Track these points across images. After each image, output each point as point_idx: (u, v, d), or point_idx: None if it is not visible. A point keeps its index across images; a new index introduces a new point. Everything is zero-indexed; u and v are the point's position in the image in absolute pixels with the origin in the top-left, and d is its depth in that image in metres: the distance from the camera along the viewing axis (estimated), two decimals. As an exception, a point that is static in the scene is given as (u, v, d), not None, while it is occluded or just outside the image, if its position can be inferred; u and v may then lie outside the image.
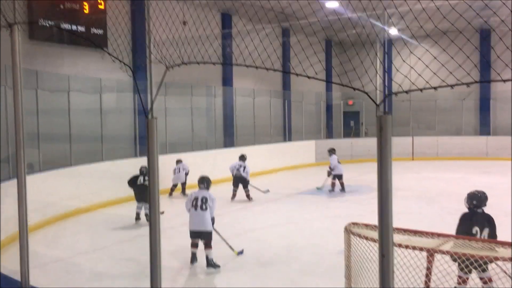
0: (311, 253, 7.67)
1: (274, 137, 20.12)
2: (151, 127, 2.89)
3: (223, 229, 9.31)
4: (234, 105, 18.99)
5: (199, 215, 7.18)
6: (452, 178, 15.58)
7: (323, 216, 10.50)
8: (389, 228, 2.11)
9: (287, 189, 14.13)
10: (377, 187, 2.13)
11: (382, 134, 2.12)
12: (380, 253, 2.11)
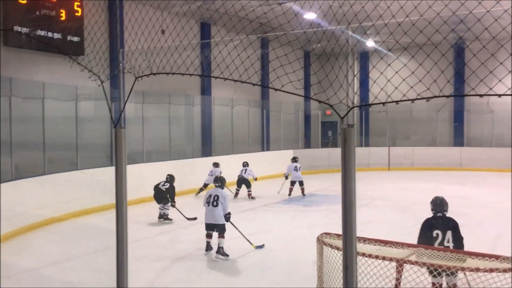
0: (286, 262, 7.68)
1: (252, 147, 20.17)
2: (119, 137, 2.88)
3: (200, 238, 9.29)
4: (212, 114, 18.99)
5: (211, 211, 8.14)
6: (427, 188, 15.78)
7: (299, 225, 10.54)
8: (353, 239, 2.14)
9: (265, 198, 14.14)
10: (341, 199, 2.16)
11: (346, 146, 2.16)
12: (344, 264, 2.13)
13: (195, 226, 10.45)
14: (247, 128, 20.10)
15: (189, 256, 8.09)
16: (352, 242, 2.14)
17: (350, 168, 2.16)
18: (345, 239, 2.14)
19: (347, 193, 2.15)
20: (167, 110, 16.63)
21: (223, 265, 7.60)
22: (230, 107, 19.46)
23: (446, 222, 5.56)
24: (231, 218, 8.43)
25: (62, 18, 13.05)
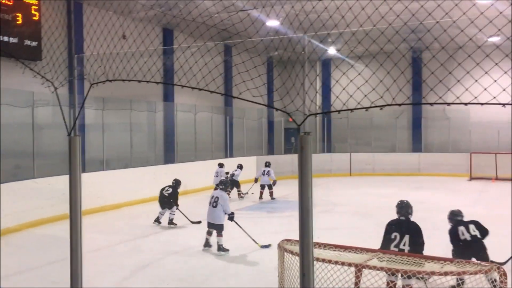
0: (249, 270, 7.67)
1: (216, 153, 20.08)
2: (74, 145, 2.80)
3: (162, 247, 9.15)
4: (175, 120, 18.81)
5: (211, 211, 8.89)
6: (387, 194, 16.13)
7: (263, 232, 10.52)
8: (310, 247, 2.15)
9: (228, 206, 14.07)
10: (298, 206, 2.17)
11: (302, 153, 2.17)
12: (301, 272, 2.14)
13: (157, 235, 10.31)
14: (210, 134, 20.01)
15: (151, 265, 7.95)
16: (309, 249, 2.15)
17: (306, 175, 2.17)
18: (302, 247, 2.14)
19: (304, 200, 2.17)
20: (128, 116, 16.36)
21: (185, 273, 7.51)
22: (193, 113, 19.34)
23: (406, 226, 5.75)
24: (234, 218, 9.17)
25: (19, 22, 12.66)
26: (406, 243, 5.48)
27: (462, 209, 12.98)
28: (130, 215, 12.70)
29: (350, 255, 4.41)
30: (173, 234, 10.39)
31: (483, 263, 3.97)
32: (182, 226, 11.21)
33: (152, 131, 18.17)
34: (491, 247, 8.68)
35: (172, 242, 9.61)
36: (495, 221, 11.36)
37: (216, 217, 8.79)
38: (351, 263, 4.05)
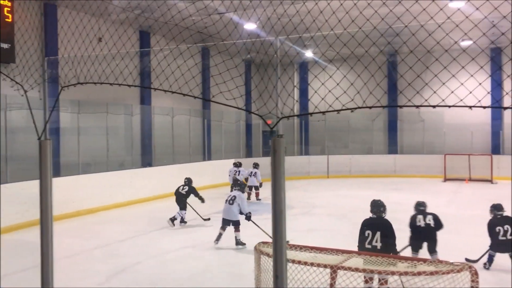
0: (227, 274, 7.65)
1: (194, 156, 19.98)
2: (44, 149, 2.76)
3: (138, 251, 9.06)
4: (152, 123, 18.67)
5: (227, 208, 9.51)
6: (364, 195, 16.25)
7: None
8: (283, 249, 2.16)
9: (206, 208, 14.01)
10: (271, 208, 2.18)
11: (275, 156, 2.19)
12: (274, 274, 2.15)
13: (133, 239, 10.20)
14: (188, 137, 19.91)
15: (127, 270, 7.86)
16: (282, 251, 2.16)
17: (279, 177, 2.18)
18: (275, 249, 2.16)
19: (277, 203, 2.18)
20: (104, 119, 16.17)
21: (162, 278, 7.44)
22: (170, 116, 19.22)
23: (378, 223, 6.09)
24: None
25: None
26: (378, 239, 5.85)
27: (436, 209, 13.23)
28: (106, 220, 12.54)
29: (326, 257, 4.44)
30: (150, 238, 10.30)
31: (455, 263, 4.05)
32: (160, 229, 11.13)
33: (129, 135, 18.00)
34: (465, 246, 8.88)
35: (149, 246, 9.52)
36: (468, 221, 11.63)
37: (232, 214, 9.42)
38: (326, 264, 4.08)
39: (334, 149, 23.87)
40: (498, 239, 7.51)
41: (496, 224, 7.58)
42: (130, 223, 12.12)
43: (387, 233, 5.96)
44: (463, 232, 10.44)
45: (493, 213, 7.75)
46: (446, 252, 8.52)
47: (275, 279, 2.15)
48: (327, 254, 4.47)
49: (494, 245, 7.58)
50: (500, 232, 7.50)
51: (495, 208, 7.75)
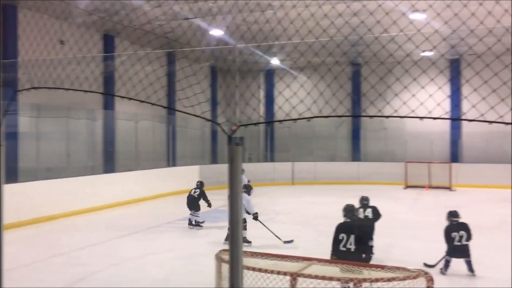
0: (189, 282, 7.56)
1: (158, 162, 19.74)
2: (-5, 155, 2.66)
3: (99, 259, 8.86)
4: (115, 129, 18.36)
5: None
6: (328, 202, 16.50)
7: (204, 242, 10.45)
8: (239, 259, 2.15)
9: (170, 215, 13.88)
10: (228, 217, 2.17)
11: (232, 165, 2.18)
12: (231, 283, 2.14)
13: (94, 247, 9.96)
14: (152, 143, 19.66)
15: (86, 279, 7.66)
16: (239, 262, 2.15)
17: (236, 186, 2.18)
18: (231, 258, 2.14)
19: (234, 211, 2.17)
20: (65, 124, 15.78)
21: (122, 286, 7.29)
22: (134, 122, 18.95)
23: (351, 226, 6.40)
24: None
25: None
26: (352, 242, 6.09)
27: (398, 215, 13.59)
28: (66, 227, 12.22)
29: (287, 264, 4.45)
30: (111, 246, 10.09)
31: (412, 269, 4.13)
32: (121, 236, 10.92)
33: (91, 140, 17.63)
34: (423, 251, 9.09)
35: (110, 254, 9.32)
36: (427, 227, 11.92)
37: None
38: (286, 272, 4.09)
39: (299, 156, 24.07)
40: (454, 244, 7.73)
41: (452, 230, 7.81)
42: (91, 230, 11.84)
43: (361, 235, 6.25)
44: (422, 238, 10.70)
45: (449, 219, 7.98)
46: (406, 257, 8.72)
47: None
48: (288, 261, 4.48)
49: (450, 251, 7.80)
50: (456, 238, 7.73)
51: (451, 215, 7.99)
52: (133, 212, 14.68)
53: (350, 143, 25.01)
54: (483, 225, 11.75)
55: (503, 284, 7.41)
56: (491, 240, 10.42)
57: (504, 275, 7.84)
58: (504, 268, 8.26)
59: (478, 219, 12.62)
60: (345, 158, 24.58)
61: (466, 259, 7.77)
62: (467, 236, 7.76)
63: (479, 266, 7.93)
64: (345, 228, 6.33)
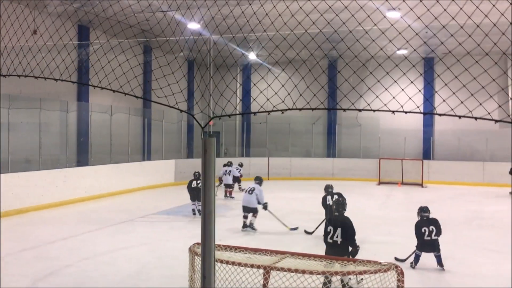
0: (161, 276, 7.51)
1: (133, 156, 19.51)
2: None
3: (69, 253, 8.72)
4: (89, 121, 18.06)
5: (247, 197, 10.97)
6: (302, 197, 16.63)
7: (178, 236, 10.40)
8: (211, 250, 2.14)
9: (143, 210, 13.75)
10: (201, 209, 2.16)
11: (206, 156, 2.17)
12: (202, 274, 2.13)
13: (64, 241, 9.80)
14: (127, 136, 19.41)
15: (56, 273, 7.54)
16: (211, 251, 2.14)
17: (210, 177, 2.17)
18: (203, 249, 2.14)
19: (207, 203, 2.16)
20: (38, 116, 15.44)
21: (93, 281, 7.20)
22: (109, 114, 18.67)
23: (339, 220, 6.71)
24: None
25: None
26: (339, 235, 6.45)
27: (371, 211, 13.76)
28: (36, 221, 11.98)
29: (260, 257, 4.47)
30: (83, 240, 9.94)
31: (383, 263, 4.20)
32: (93, 230, 10.78)
33: (64, 132, 17.30)
34: (395, 246, 9.25)
35: (81, 248, 9.18)
36: (398, 222, 12.13)
37: (251, 202, 10.86)
38: (259, 265, 4.11)
39: (275, 152, 24.15)
40: (424, 239, 7.90)
41: (422, 225, 7.98)
42: (62, 224, 11.65)
43: (347, 229, 6.56)
44: (393, 233, 10.88)
45: (420, 215, 8.14)
46: (378, 252, 8.86)
47: (202, 279, 2.13)
48: (261, 255, 4.51)
49: (420, 245, 7.97)
50: (426, 233, 7.90)
51: (421, 210, 8.15)
52: (106, 206, 14.50)
53: (325, 139, 25.22)
54: (453, 221, 12.03)
55: (471, 278, 7.60)
56: (460, 236, 10.67)
57: (472, 270, 8.06)
58: (472, 263, 8.48)
59: (448, 215, 12.92)
60: (320, 154, 24.78)
61: (436, 254, 7.94)
62: (437, 231, 7.93)
63: (448, 261, 8.11)
64: (333, 221, 6.71)
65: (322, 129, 25.23)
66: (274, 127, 24.54)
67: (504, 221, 12.70)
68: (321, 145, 25.15)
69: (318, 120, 24.82)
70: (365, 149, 23.99)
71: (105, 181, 16.27)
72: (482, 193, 18.75)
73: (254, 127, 25.64)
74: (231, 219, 12.44)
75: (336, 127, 24.87)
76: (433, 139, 23.47)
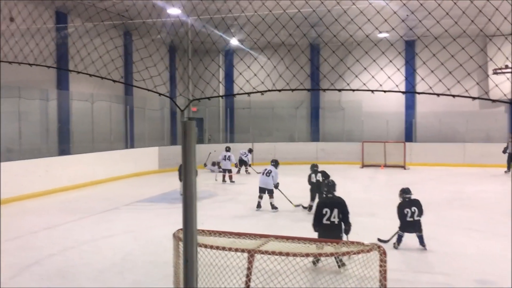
0: (146, 263, 7.50)
1: (115, 144, 19.33)
2: None
3: (53, 243, 8.65)
4: (70, 110, 17.80)
5: (264, 179, 11.66)
6: (287, 182, 16.65)
7: (162, 223, 10.37)
8: (193, 234, 2.13)
9: (127, 197, 13.68)
10: (182, 192, 2.14)
11: (186, 139, 2.14)
12: (184, 258, 2.12)
13: (48, 231, 9.71)
14: (109, 124, 19.20)
15: (40, 263, 7.47)
16: (193, 235, 2.13)
17: (190, 161, 2.15)
18: (185, 233, 2.12)
19: (188, 187, 2.14)
20: (17, 105, 15.16)
21: (78, 270, 7.16)
22: (90, 102, 18.42)
23: (333, 201, 6.99)
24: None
25: None
26: (336, 215, 6.74)
27: (355, 194, 13.92)
28: (19, 211, 11.83)
29: (244, 241, 4.48)
30: (66, 229, 9.86)
31: (366, 244, 4.24)
32: (77, 219, 10.69)
33: (45, 121, 17.03)
34: (378, 228, 9.36)
35: (64, 238, 9.10)
36: (382, 204, 12.28)
37: (268, 183, 11.57)
38: (244, 249, 4.12)
39: (259, 137, 24.15)
40: (406, 220, 8.01)
41: (405, 206, 8.09)
42: (45, 214, 11.53)
43: (343, 209, 6.86)
44: (377, 215, 11.02)
45: (402, 196, 8.25)
46: (362, 234, 8.96)
47: (185, 263, 2.12)
48: (246, 239, 4.51)
49: (403, 226, 8.08)
50: (408, 214, 8.01)
51: (403, 192, 8.26)
52: (90, 195, 14.38)
53: (309, 124, 25.29)
54: (435, 202, 12.21)
55: (453, 257, 7.74)
56: (443, 216, 10.85)
57: (454, 249, 8.21)
58: (454, 243, 8.63)
59: (430, 196, 13.11)
60: (304, 138, 24.86)
61: (418, 234, 8.07)
62: (419, 212, 8.05)
63: (431, 241, 8.25)
64: (328, 202, 6.95)
65: (306, 113, 25.27)
66: (257, 112, 24.51)
67: (484, 201, 12.96)
68: (305, 129, 25.22)
69: (302, 105, 24.84)
70: (348, 132, 24.13)
71: (88, 169, 16.11)
72: (463, 173, 19.06)
73: (237, 112, 25.56)
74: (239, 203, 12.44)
75: (320, 111, 24.94)
76: (415, 121, 23.70)
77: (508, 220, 9.96)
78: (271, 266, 4.00)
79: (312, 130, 25.03)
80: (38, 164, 14.37)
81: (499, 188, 15.17)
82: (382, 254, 4.13)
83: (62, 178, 14.88)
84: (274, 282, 4.22)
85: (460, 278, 6.68)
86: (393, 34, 17.36)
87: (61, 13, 17.23)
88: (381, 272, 4.09)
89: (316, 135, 24.81)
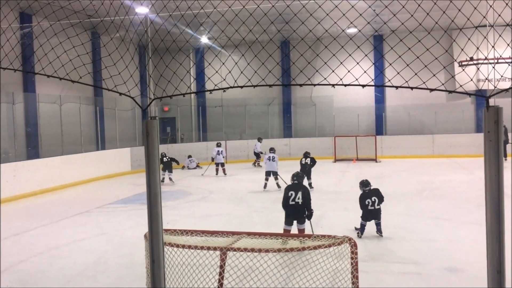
0: (119, 265, 7.41)
1: (86, 146, 19.00)
2: None
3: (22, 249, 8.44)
4: (37, 112, 17.40)
5: (270, 163, 14.27)
6: (259, 179, 16.70)
7: (135, 224, 10.25)
8: (159, 234, 2.11)
9: (99, 200, 13.47)
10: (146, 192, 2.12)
11: (148, 139, 2.12)
12: (151, 258, 2.10)
13: (17, 237, 9.49)
14: (78, 126, 18.84)
15: (10, 269, 7.28)
16: (159, 235, 2.11)
17: (154, 161, 2.13)
18: (151, 232, 2.10)
19: (152, 186, 2.12)
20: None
21: (49, 275, 7.01)
22: (58, 104, 18.04)
23: (298, 186, 7.85)
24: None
25: None
26: (300, 197, 7.62)
27: (327, 188, 14.02)
28: (-14, 218, 11.51)
29: (217, 240, 4.48)
30: (35, 235, 9.64)
31: (337, 237, 4.29)
32: (47, 224, 10.47)
33: (11, 125, 16.61)
34: (350, 221, 9.49)
35: (34, 243, 8.90)
36: (354, 197, 12.40)
37: (274, 167, 14.20)
38: (216, 247, 4.12)
39: (232, 135, 24.11)
40: (368, 209, 8.33)
41: (365, 197, 8.42)
42: (14, 220, 11.25)
43: (306, 192, 7.76)
44: (349, 209, 11.14)
45: (362, 189, 8.53)
46: (335, 227, 9.08)
47: (151, 264, 2.10)
48: (218, 237, 4.51)
49: (365, 215, 8.38)
50: (369, 204, 8.32)
51: (363, 185, 8.62)
52: (60, 199, 14.12)
53: (281, 120, 25.39)
54: (406, 193, 12.44)
55: (421, 244, 7.91)
56: (412, 206, 11.06)
57: (422, 237, 8.40)
58: (423, 231, 8.83)
59: (400, 187, 13.35)
60: (277, 134, 24.95)
61: (376, 221, 8.36)
62: (379, 200, 8.37)
63: (402, 231, 8.41)
64: (294, 187, 7.83)
65: (278, 110, 25.36)
66: (230, 110, 24.47)
67: (453, 191, 13.27)
68: (277, 126, 25.32)
69: (274, 101, 24.92)
70: (320, 128, 24.34)
71: (57, 173, 15.80)
72: (432, 164, 19.47)
73: (210, 111, 25.46)
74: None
75: (292, 107, 25.06)
76: (384, 115, 24.08)
77: (475, 208, 10.24)
78: (243, 263, 4.01)
79: (284, 126, 25.14)
80: (5, 169, 14.00)
81: (466, 178, 15.56)
82: (353, 246, 4.20)
83: (31, 182, 14.56)
84: (247, 279, 4.23)
85: (431, 267, 6.83)
86: (361, 28, 17.57)
87: (26, 14, 16.82)
88: (352, 264, 4.15)
89: (289, 131, 24.93)
